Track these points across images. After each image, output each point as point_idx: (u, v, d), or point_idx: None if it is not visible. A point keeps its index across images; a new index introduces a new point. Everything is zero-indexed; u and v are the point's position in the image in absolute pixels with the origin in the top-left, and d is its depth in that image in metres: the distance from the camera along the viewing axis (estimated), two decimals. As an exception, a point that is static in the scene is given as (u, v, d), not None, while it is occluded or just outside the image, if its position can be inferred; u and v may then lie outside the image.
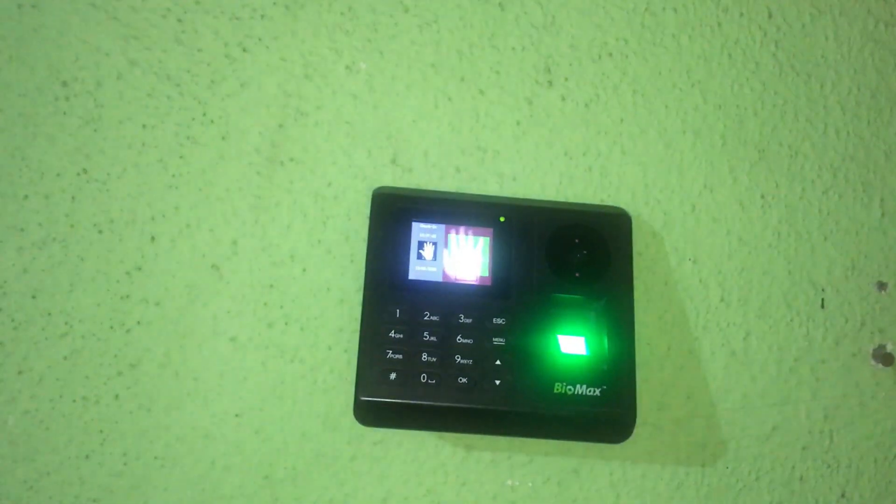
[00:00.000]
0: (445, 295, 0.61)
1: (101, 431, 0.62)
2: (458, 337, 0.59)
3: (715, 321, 0.67)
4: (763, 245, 0.68)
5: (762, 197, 0.68)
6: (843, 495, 0.68)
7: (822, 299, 0.68)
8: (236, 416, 0.63)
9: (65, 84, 0.63)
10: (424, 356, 0.59)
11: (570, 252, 0.63)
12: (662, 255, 0.67)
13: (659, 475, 0.66)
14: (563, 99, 0.67)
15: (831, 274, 0.68)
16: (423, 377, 0.58)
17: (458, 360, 0.59)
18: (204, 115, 0.64)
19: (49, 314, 0.62)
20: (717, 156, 0.68)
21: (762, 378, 0.67)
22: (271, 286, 0.64)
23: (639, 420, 0.64)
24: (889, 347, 0.68)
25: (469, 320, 0.60)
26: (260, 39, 0.65)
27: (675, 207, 0.67)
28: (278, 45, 0.65)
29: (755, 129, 0.69)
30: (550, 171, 0.66)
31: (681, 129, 0.68)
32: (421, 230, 0.62)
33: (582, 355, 0.60)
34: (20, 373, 0.61)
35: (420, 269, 0.61)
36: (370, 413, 0.59)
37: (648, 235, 0.67)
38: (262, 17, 0.65)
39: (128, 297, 0.63)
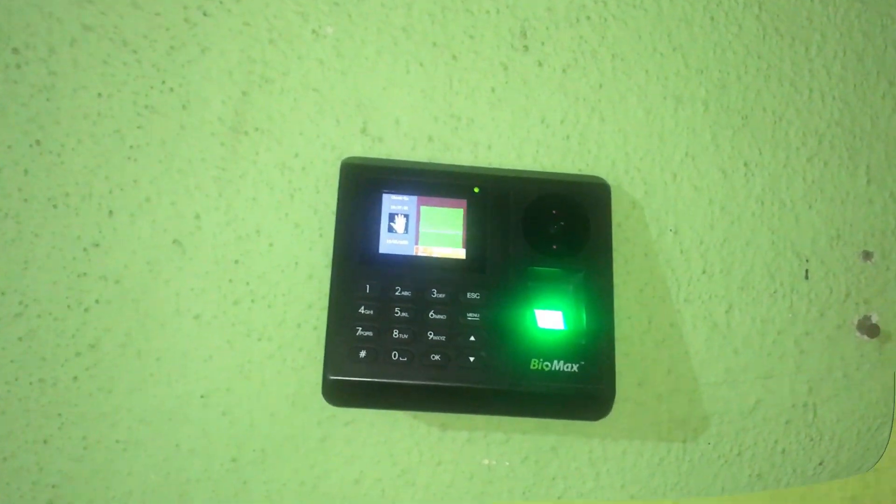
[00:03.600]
0: (418, 269, 0.58)
1: (60, 415, 0.59)
2: (431, 312, 0.57)
3: (697, 293, 0.65)
4: (746, 214, 0.66)
5: (745, 164, 0.66)
6: (820, 463, 0.66)
7: (807, 270, 0.66)
8: (202, 396, 0.60)
9: (15, 51, 0.60)
10: (396, 332, 0.56)
11: (547, 224, 0.60)
12: (643, 226, 0.65)
13: (640, 452, 0.64)
14: (540, 64, 0.64)
15: (816, 243, 0.66)
16: (395, 355, 0.56)
17: (431, 336, 0.56)
18: (163, 82, 0.61)
19: (2, 293, 0.59)
20: (699, 122, 0.66)
21: (745, 351, 0.65)
22: (236, 262, 0.61)
23: (619, 396, 0.62)
24: (874, 318, 0.67)
25: (442, 295, 0.58)
26: (222, 2, 0.62)
27: (656, 176, 0.65)
28: (241, 8, 0.62)
29: (738, 94, 0.66)
30: (527, 139, 0.64)
31: (662, 94, 0.66)
32: (392, 202, 0.60)
33: (559, 330, 0.58)
34: (-26, 354, 0.59)
35: (391, 243, 0.59)
36: (340, 393, 0.56)
37: (628, 205, 0.64)
38: (223, -22, 0.62)
39: (85, 274, 0.60)
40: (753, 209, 0.66)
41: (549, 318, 0.59)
